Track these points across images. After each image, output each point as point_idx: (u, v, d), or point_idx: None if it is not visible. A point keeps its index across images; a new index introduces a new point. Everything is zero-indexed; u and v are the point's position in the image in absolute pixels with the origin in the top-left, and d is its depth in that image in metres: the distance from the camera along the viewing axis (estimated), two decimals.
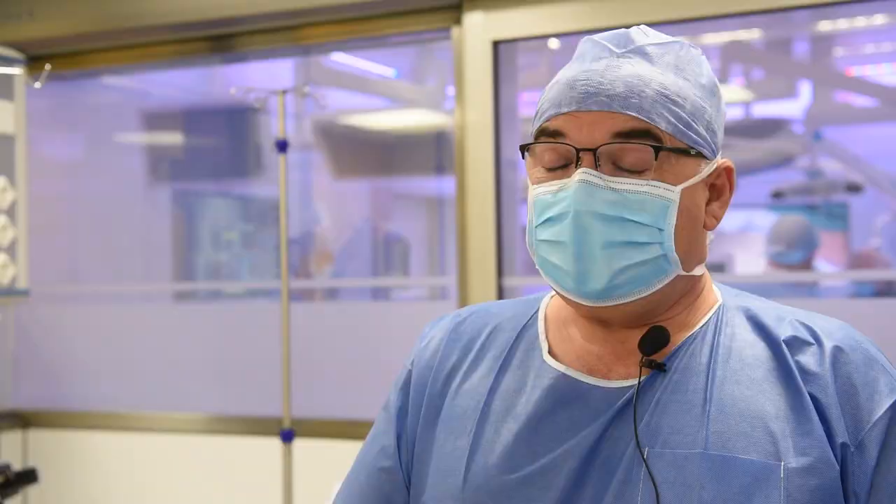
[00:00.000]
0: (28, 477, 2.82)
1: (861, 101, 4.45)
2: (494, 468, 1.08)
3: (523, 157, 1.10)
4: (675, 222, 1.04)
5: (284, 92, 2.75)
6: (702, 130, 1.06)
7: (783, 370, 1.05)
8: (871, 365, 1.05)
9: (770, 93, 4.46)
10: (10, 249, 2.93)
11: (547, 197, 1.05)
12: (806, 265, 3.80)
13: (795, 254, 3.76)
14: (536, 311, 1.19)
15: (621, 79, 1.03)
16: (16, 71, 2.98)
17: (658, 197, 1.03)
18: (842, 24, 3.97)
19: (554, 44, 3.34)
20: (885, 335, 2.53)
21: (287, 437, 2.76)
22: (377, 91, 4.38)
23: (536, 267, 1.10)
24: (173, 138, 4.09)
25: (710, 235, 1.12)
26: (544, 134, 1.07)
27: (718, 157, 1.10)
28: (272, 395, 2.94)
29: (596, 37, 1.10)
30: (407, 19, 2.93)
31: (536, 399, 1.10)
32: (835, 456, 1.01)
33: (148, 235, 3.89)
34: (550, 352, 1.14)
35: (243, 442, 3.12)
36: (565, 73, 1.08)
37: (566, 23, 2.71)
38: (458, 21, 2.83)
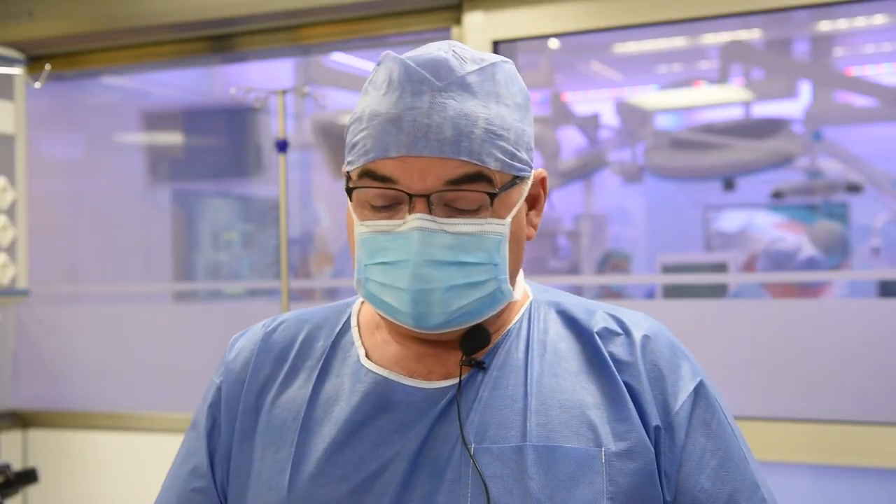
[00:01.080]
0: (28, 477, 2.82)
1: (861, 101, 4.44)
2: (322, 478, 1.06)
3: (349, 198, 1.06)
4: (508, 254, 1.05)
5: (284, 92, 2.75)
6: (524, 155, 1.06)
7: (597, 361, 1.09)
8: (675, 352, 1.11)
9: (770, 93, 4.46)
10: (10, 249, 2.93)
11: (379, 238, 1.03)
12: (837, 269, 4.01)
13: (830, 260, 4.01)
14: (349, 318, 1.17)
15: (449, 120, 1.00)
16: (16, 71, 2.98)
17: (492, 234, 1.03)
18: (842, 24, 3.97)
19: (554, 44, 3.34)
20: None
21: None
22: None
23: (362, 298, 1.09)
24: (173, 138, 4.09)
25: None
26: (371, 176, 1.02)
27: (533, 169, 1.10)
28: None
29: (408, 62, 1.02)
30: (407, 19, 2.93)
31: (356, 404, 1.08)
32: (650, 438, 1.05)
33: (148, 235, 3.89)
34: (368, 356, 1.12)
35: None
36: (384, 105, 1.02)
37: (566, 23, 2.71)
38: (458, 21, 2.83)
